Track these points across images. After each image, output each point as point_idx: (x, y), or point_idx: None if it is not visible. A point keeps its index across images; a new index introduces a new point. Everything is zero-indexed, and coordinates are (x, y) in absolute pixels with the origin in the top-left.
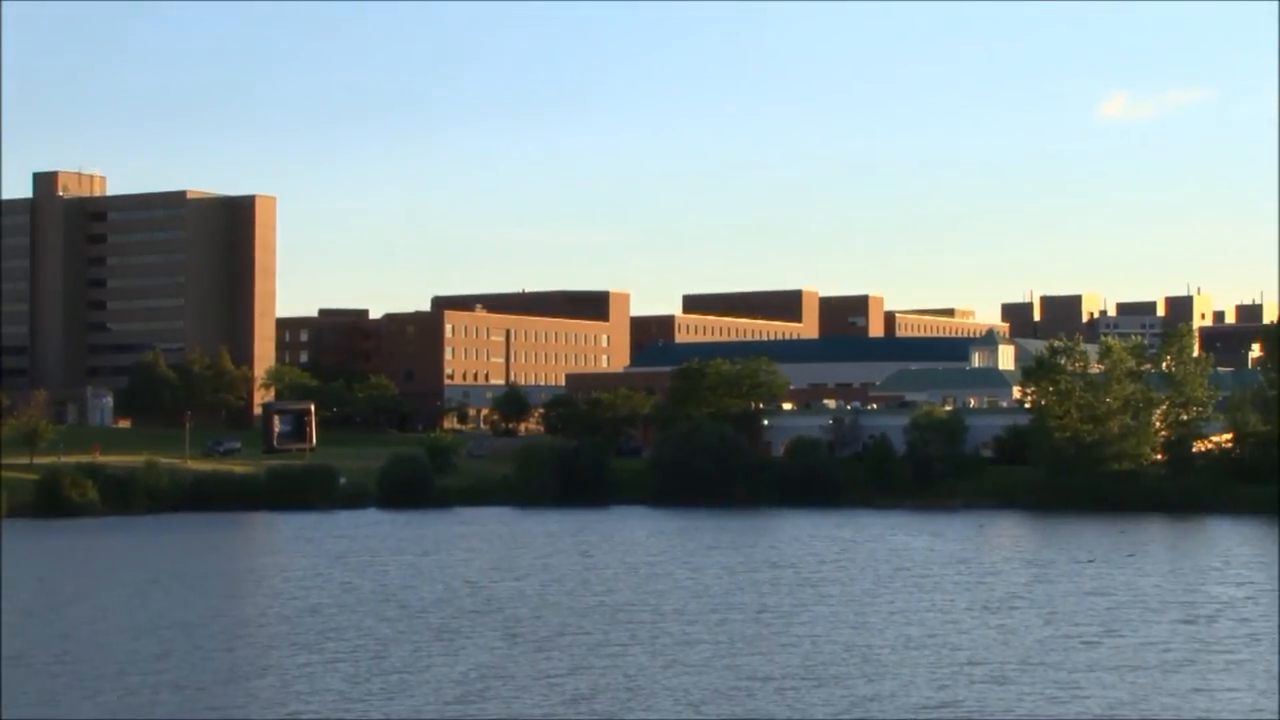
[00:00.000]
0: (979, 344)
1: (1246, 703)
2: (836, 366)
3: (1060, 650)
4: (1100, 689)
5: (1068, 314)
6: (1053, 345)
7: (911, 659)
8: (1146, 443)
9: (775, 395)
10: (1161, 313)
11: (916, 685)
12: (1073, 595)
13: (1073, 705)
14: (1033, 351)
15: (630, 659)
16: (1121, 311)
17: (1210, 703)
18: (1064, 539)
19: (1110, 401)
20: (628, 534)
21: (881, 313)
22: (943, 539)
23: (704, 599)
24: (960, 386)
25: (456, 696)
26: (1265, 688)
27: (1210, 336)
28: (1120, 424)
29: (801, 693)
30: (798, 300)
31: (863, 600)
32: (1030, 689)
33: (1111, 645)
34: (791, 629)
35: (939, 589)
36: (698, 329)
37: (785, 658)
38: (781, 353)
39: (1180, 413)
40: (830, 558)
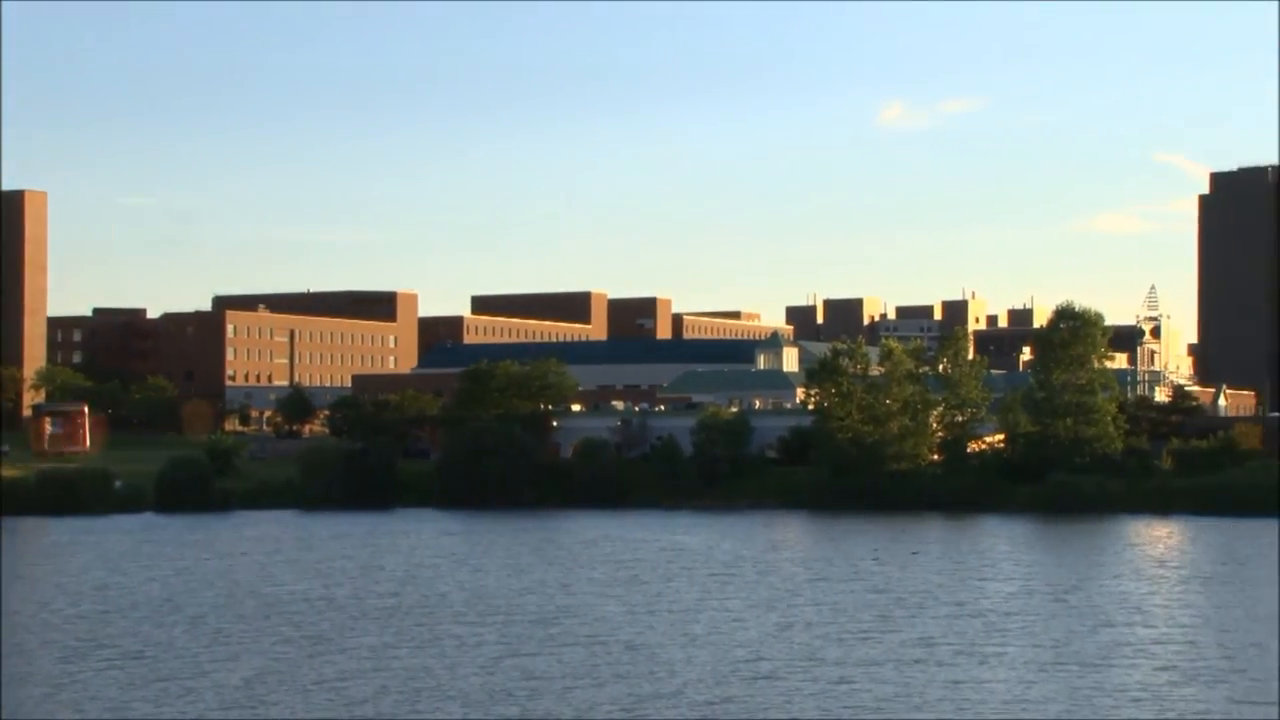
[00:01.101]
0: (764, 346)
1: (1005, 692)
2: (624, 368)
3: (835, 646)
4: (872, 683)
5: (849, 317)
6: (835, 348)
7: (693, 657)
8: (924, 443)
9: (564, 397)
10: (938, 316)
11: (696, 683)
12: (850, 593)
13: (845, 699)
14: (816, 354)
15: (414, 661)
16: (900, 315)
17: (973, 694)
18: (844, 538)
19: (890, 403)
20: (413, 536)
21: (669, 315)
22: (727, 539)
23: (488, 600)
24: (746, 388)
25: (235, 701)
26: (1025, 678)
27: (984, 340)
28: (899, 425)
29: (584, 692)
30: (586, 302)
31: (646, 599)
32: (805, 684)
33: (885, 641)
34: (575, 629)
35: (721, 588)
36: (486, 330)
37: (568, 657)
38: (570, 354)
39: (956, 414)
40: (616, 558)
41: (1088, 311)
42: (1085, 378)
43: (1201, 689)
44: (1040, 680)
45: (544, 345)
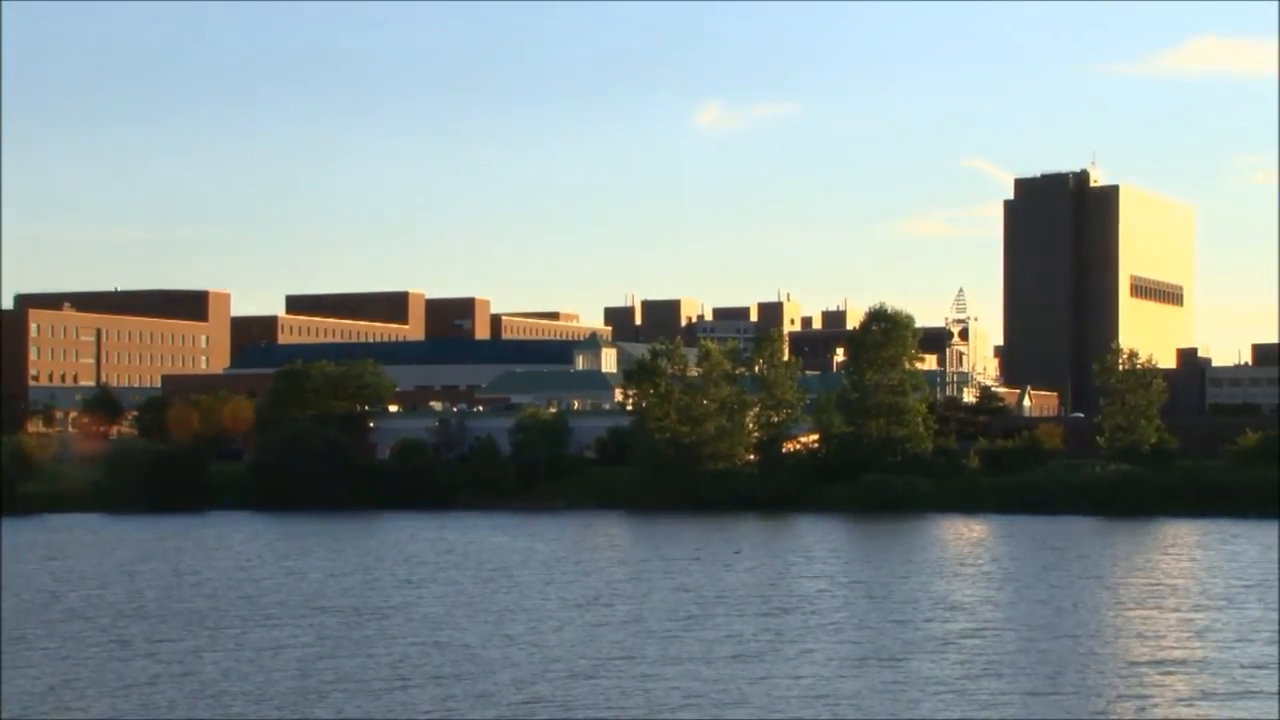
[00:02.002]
0: (582, 347)
1: (813, 687)
2: (443, 368)
3: (648, 644)
4: (682, 680)
5: (667, 318)
6: (653, 349)
7: (508, 657)
8: (740, 443)
9: (381, 397)
10: (754, 318)
11: (511, 683)
12: (665, 591)
13: (653, 696)
14: (634, 355)
15: (220, 664)
16: (718, 316)
17: (782, 689)
18: (661, 538)
19: (707, 404)
20: (224, 539)
21: (487, 315)
22: (543, 539)
23: (301, 602)
24: (564, 389)
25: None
26: (828, 674)
27: (799, 341)
28: (716, 425)
29: (397, 693)
30: (404, 302)
31: (460, 600)
32: (618, 683)
33: (696, 638)
34: (390, 630)
35: (537, 588)
36: (301, 330)
37: (383, 658)
38: (387, 354)
39: (771, 414)
40: (431, 559)
41: (899, 314)
42: (896, 379)
43: (1003, 682)
44: (848, 675)
45: (360, 345)
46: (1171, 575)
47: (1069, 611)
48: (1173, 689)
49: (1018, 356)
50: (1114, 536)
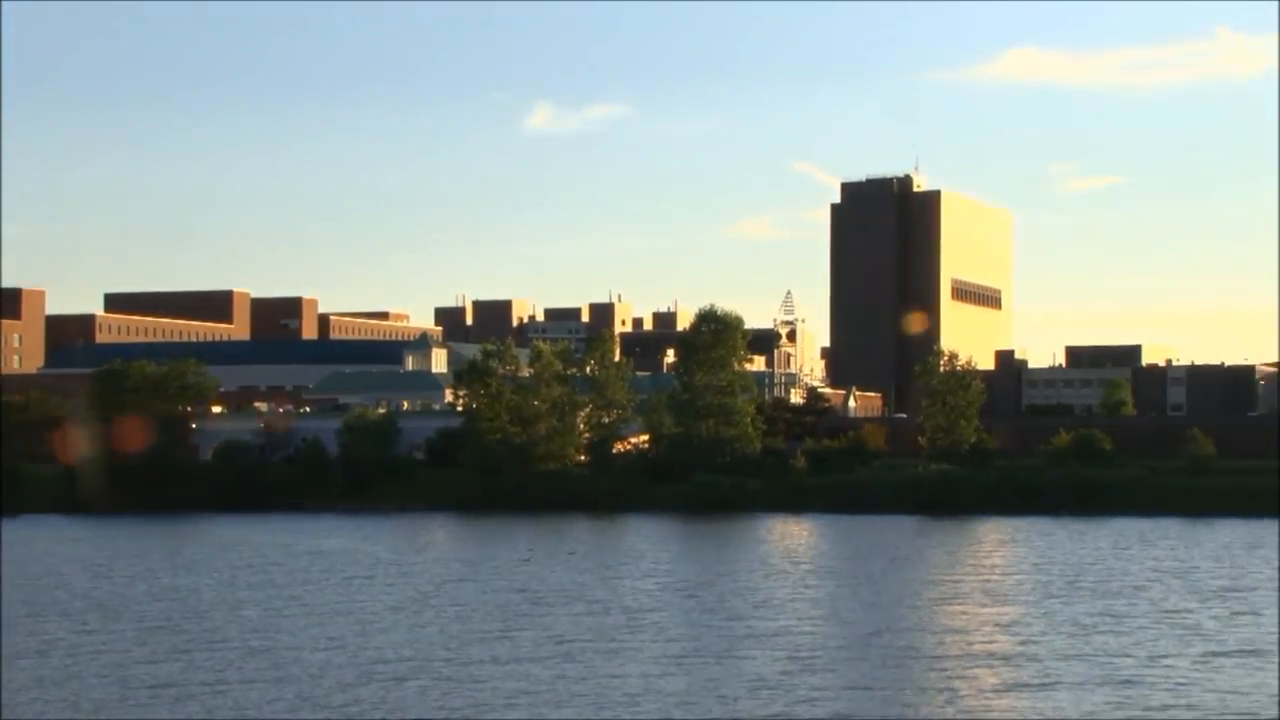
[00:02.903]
0: (412, 347)
1: (635, 685)
2: (268, 369)
3: (471, 645)
4: (505, 680)
5: (498, 318)
6: (485, 349)
7: (329, 660)
8: (571, 444)
9: (204, 398)
10: (586, 319)
11: (332, 686)
12: (490, 592)
13: (477, 697)
14: (465, 355)
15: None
16: (549, 317)
17: (603, 687)
18: (490, 539)
19: (539, 404)
20: (33, 544)
21: (315, 315)
22: (371, 541)
23: (115, 606)
24: (394, 390)
25: None
26: (651, 672)
27: (630, 342)
28: (548, 426)
29: (212, 698)
30: (228, 301)
31: (283, 603)
32: (437, 684)
33: (520, 639)
34: (207, 634)
35: (362, 591)
36: (121, 329)
37: (200, 662)
38: (211, 354)
39: (602, 415)
40: (253, 562)
41: (728, 315)
42: (726, 380)
43: (823, 677)
44: (671, 673)
45: (183, 345)
46: (985, 571)
47: (888, 607)
48: (983, 681)
49: (843, 358)
50: (933, 535)
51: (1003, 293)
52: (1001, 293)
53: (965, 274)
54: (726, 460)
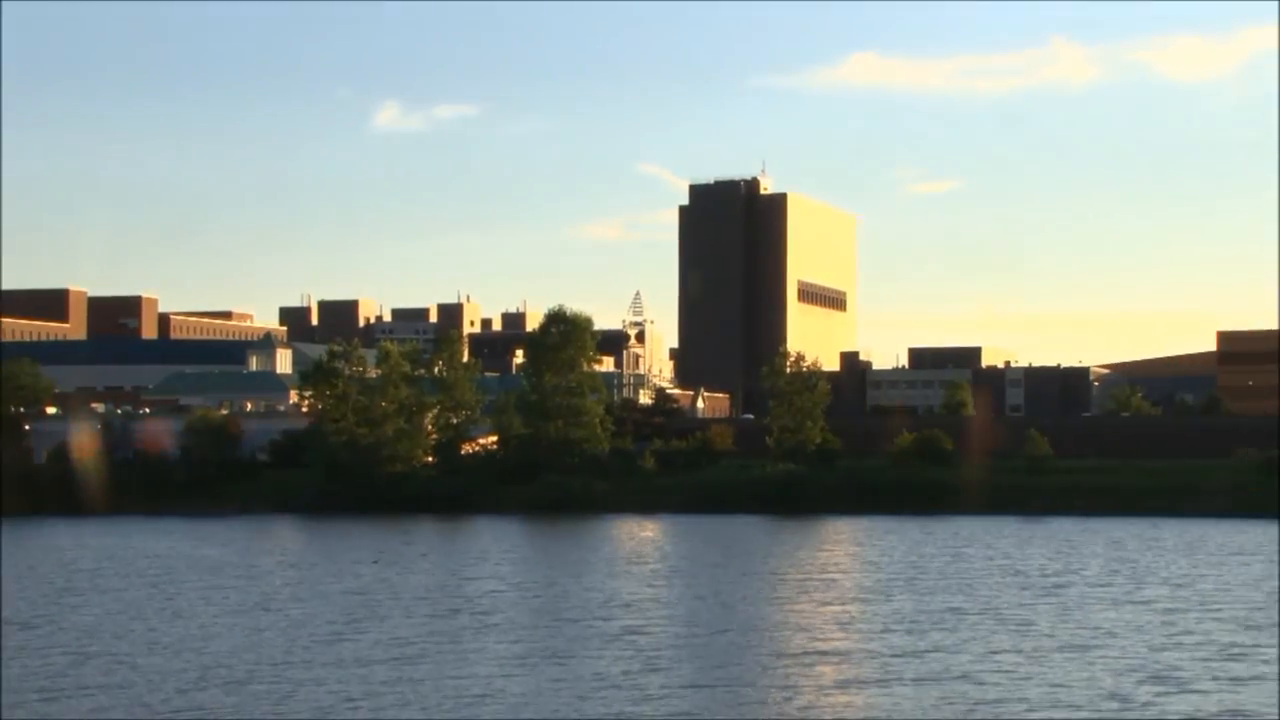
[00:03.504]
0: (256, 347)
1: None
2: (107, 369)
3: (312, 648)
4: (345, 684)
5: (345, 319)
6: (331, 350)
7: (165, 665)
8: (419, 445)
9: (39, 399)
10: (434, 319)
11: (170, 692)
12: (333, 595)
13: (316, 700)
14: (311, 356)
15: None
16: (397, 317)
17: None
18: (335, 541)
19: (386, 405)
20: None
21: (155, 314)
22: (211, 544)
23: None
24: (237, 390)
25: None
26: (493, 674)
27: (478, 343)
28: (395, 427)
29: (38, 705)
30: (63, 299)
31: (119, 608)
32: (277, 687)
33: (361, 641)
34: (38, 640)
35: (201, 594)
36: None
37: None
38: (46, 354)
39: (451, 416)
40: (89, 566)
41: (578, 316)
42: (575, 380)
43: (666, 675)
44: (513, 674)
45: (16, 344)
46: (829, 570)
47: (733, 606)
48: (823, 677)
49: (692, 359)
50: (779, 534)
51: (848, 295)
52: (846, 295)
53: (811, 276)
54: (575, 461)
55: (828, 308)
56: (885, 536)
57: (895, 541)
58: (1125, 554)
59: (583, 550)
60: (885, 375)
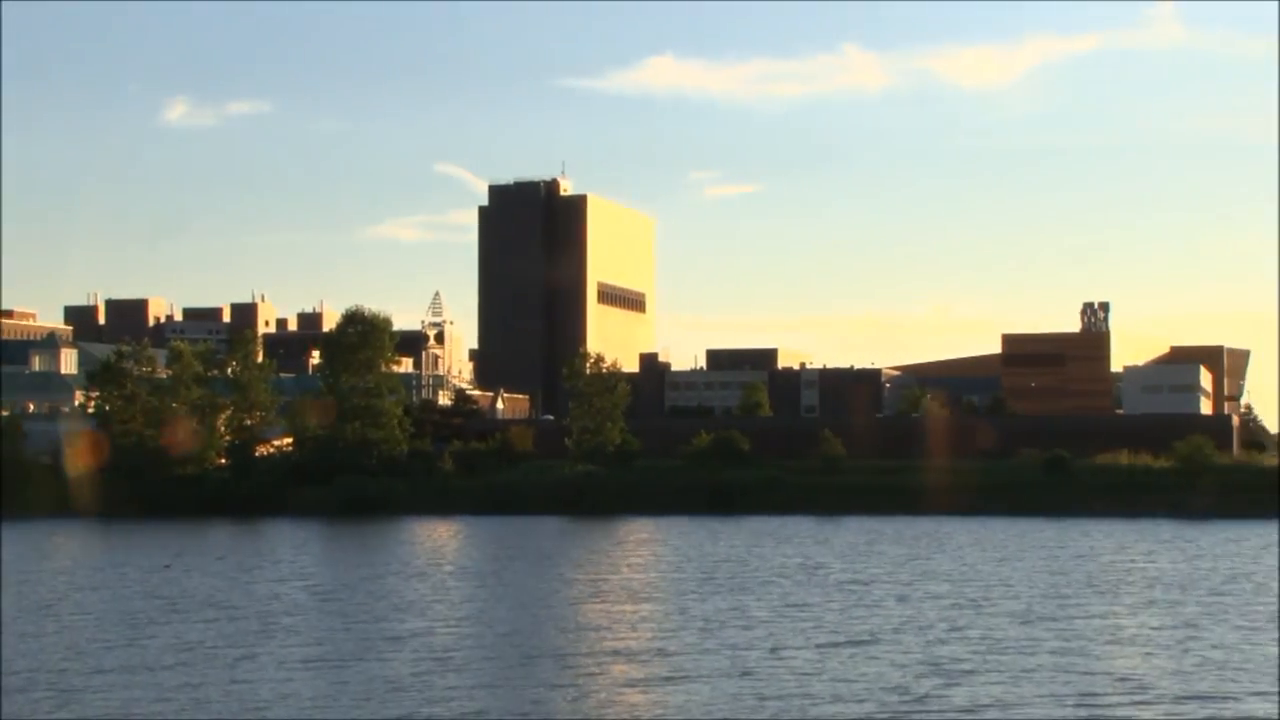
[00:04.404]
0: (39, 347)
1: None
2: None
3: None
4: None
5: (133, 318)
6: (119, 350)
7: None
8: (212, 447)
9: None
10: (227, 319)
11: None
12: (118, 599)
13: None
14: (97, 356)
15: None
16: (188, 317)
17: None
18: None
19: (177, 406)
20: None
21: None
22: None
23: None
24: (18, 391)
25: None
26: (276, 677)
27: (273, 343)
28: (187, 428)
29: None
30: None
31: None
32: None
33: (147, 647)
34: None
35: None
36: None
37: None
38: None
39: (245, 417)
40: None
41: (375, 316)
42: (373, 381)
43: (457, 676)
44: (301, 677)
45: None
46: (623, 570)
47: (528, 607)
48: (615, 676)
49: (492, 360)
50: (577, 535)
51: (647, 296)
52: (646, 296)
53: (611, 278)
54: (373, 462)
55: (627, 309)
56: (681, 536)
57: (690, 541)
58: (913, 551)
59: (377, 552)
60: (683, 377)
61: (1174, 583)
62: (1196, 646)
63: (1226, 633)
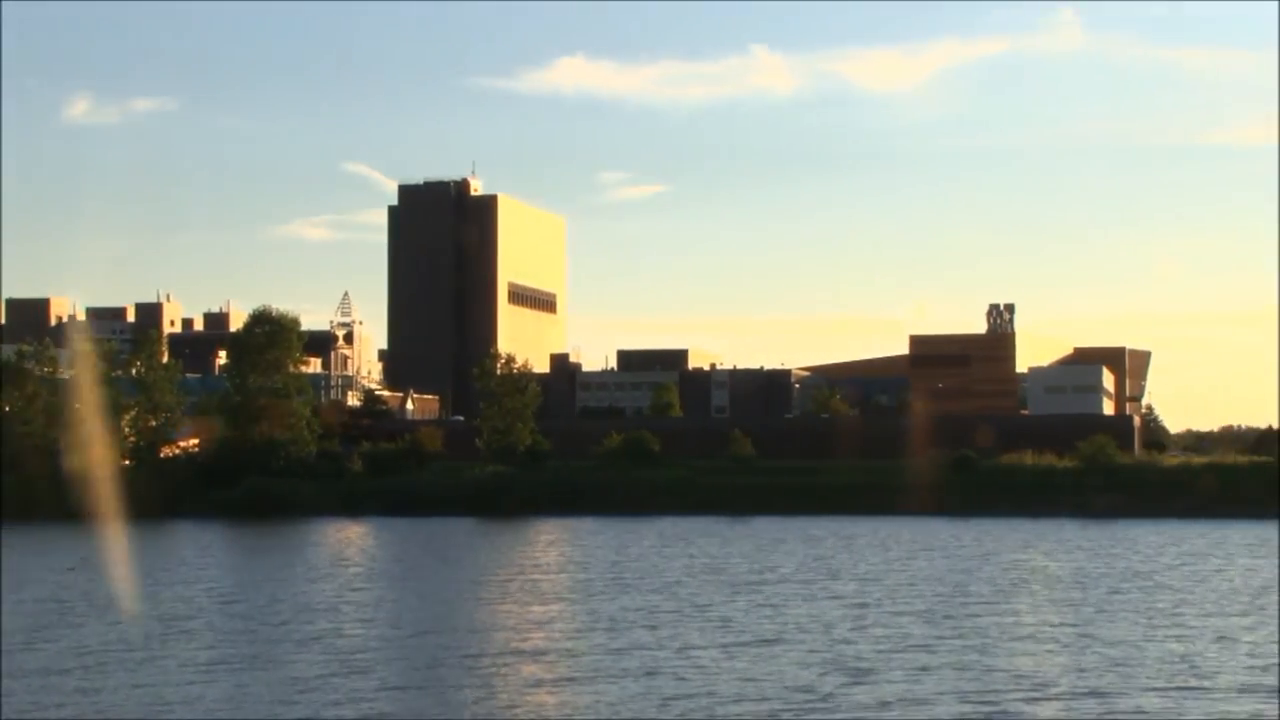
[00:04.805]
0: None
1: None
2: None
3: None
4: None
5: (35, 317)
6: (20, 350)
7: None
8: (118, 448)
9: None
10: (131, 318)
11: None
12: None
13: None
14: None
15: None
16: (92, 316)
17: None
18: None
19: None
20: None
21: None
22: None
23: None
24: None
25: None
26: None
27: (179, 343)
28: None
29: None
30: None
31: None
32: None
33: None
34: None
35: None
36: None
37: None
38: None
39: (149, 418)
40: None
41: (283, 316)
42: (280, 382)
43: (361, 679)
44: (202, 680)
45: None
46: (532, 571)
47: (436, 608)
48: (521, 676)
49: (401, 361)
50: (487, 536)
51: (557, 297)
52: (556, 297)
53: (521, 278)
54: (280, 464)
55: (538, 310)
56: (590, 537)
57: (600, 542)
58: (821, 551)
59: (284, 554)
60: (594, 377)
61: (1074, 581)
62: (1094, 644)
63: (1124, 630)
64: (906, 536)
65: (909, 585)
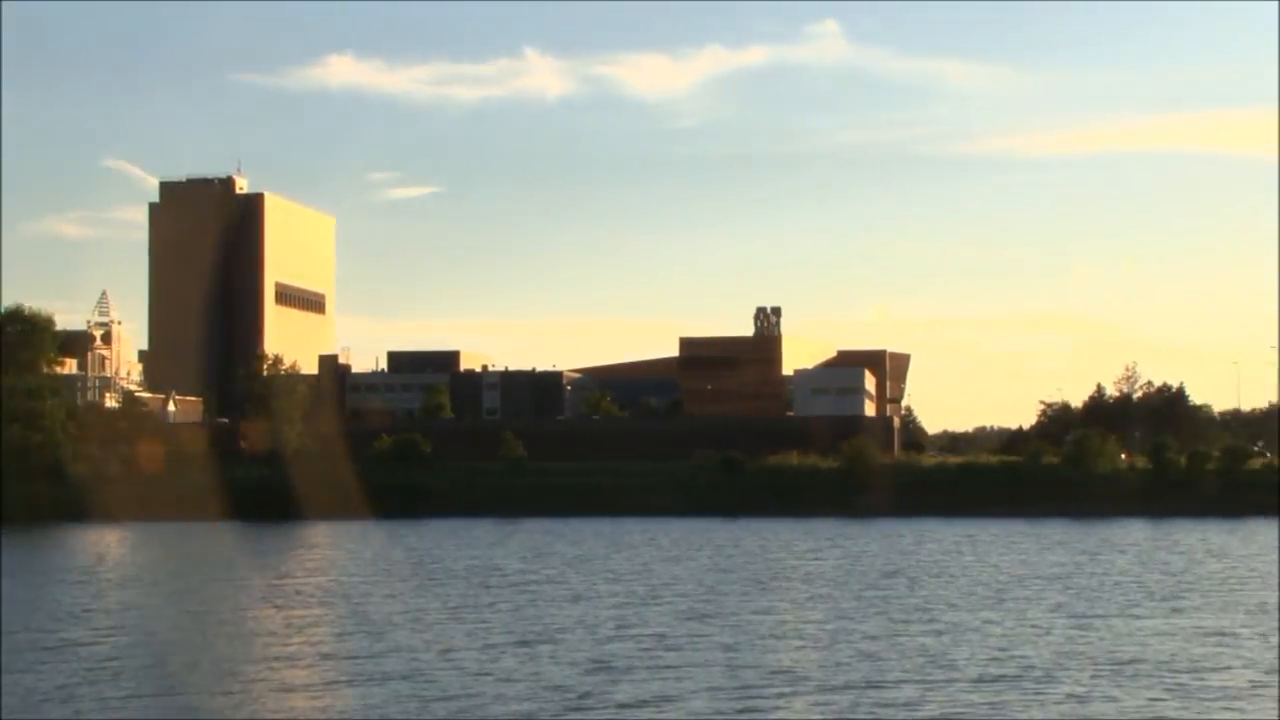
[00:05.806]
0: None
1: None
2: None
3: None
4: None
5: None
6: None
7: None
8: None
9: None
10: None
11: None
12: None
13: None
14: None
15: None
16: None
17: None
18: None
19: None
20: None
21: None
22: None
23: None
24: None
25: None
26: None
27: None
28: None
29: None
30: None
31: None
32: None
33: None
34: None
35: None
36: None
37: None
38: None
39: None
40: None
41: (36, 315)
42: (34, 383)
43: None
44: None
45: None
46: (295, 575)
47: (192, 613)
48: (280, 682)
49: (163, 361)
50: (253, 539)
51: (326, 297)
52: (325, 297)
53: (289, 278)
54: (34, 467)
55: (306, 310)
56: (359, 539)
57: (366, 544)
58: (589, 551)
59: (35, 559)
60: (364, 379)
61: (834, 579)
62: (850, 639)
63: (879, 625)
64: (674, 536)
65: (673, 584)
